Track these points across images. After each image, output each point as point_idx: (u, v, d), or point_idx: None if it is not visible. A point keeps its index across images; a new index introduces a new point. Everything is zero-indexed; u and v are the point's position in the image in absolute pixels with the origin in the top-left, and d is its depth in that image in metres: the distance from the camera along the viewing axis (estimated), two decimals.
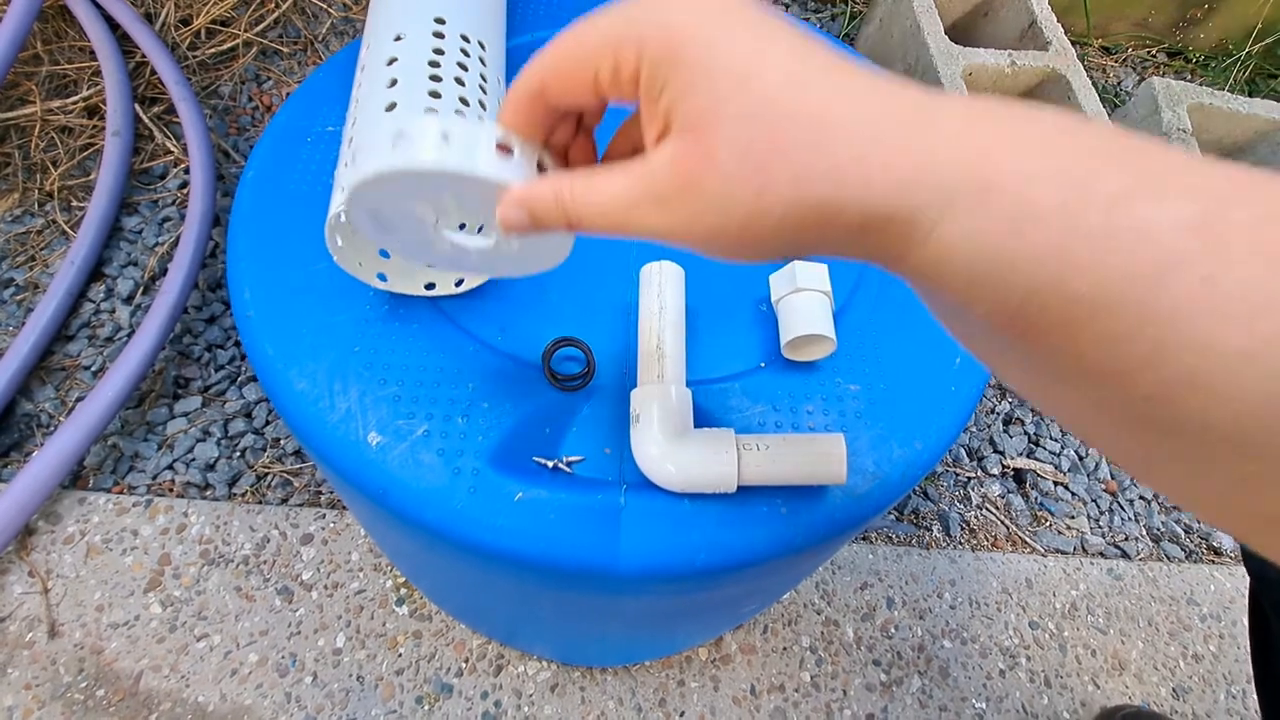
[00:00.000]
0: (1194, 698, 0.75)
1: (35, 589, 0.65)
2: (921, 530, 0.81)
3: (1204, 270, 0.14)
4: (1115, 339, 0.15)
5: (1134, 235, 0.14)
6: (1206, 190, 0.14)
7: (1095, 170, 0.15)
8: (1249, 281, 0.13)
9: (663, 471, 0.33)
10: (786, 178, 0.17)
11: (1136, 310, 0.14)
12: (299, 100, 0.46)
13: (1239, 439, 0.14)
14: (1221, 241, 0.14)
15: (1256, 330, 0.13)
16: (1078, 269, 0.15)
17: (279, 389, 0.36)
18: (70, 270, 0.77)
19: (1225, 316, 0.14)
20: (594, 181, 0.20)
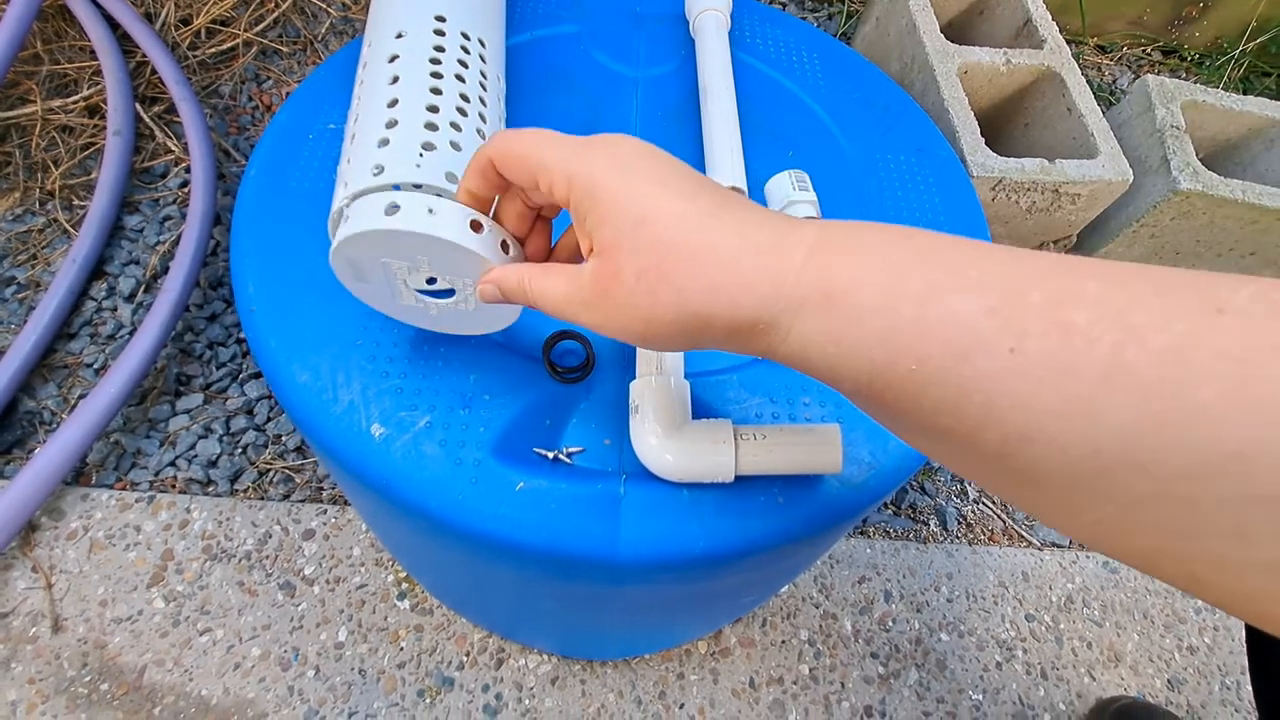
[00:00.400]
0: (1189, 689, 0.75)
1: (39, 584, 0.66)
2: (919, 525, 0.81)
3: (1008, 344, 0.17)
4: (950, 406, 0.18)
5: (943, 321, 0.18)
6: (1003, 280, 0.18)
7: (909, 273, 0.19)
8: (1048, 351, 0.17)
9: (661, 461, 0.33)
10: (673, 295, 0.22)
11: (958, 380, 0.18)
12: (301, 98, 0.47)
13: (1082, 486, 0.17)
14: (1019, 321, 0.17)
15: (1064, 390, 0.16)
16: (903, 351, 0.19)
17: (282, 382, 0.36)
18: (72, 268, 0.77)
19: (1036, 380, 0.17)
20: (546, 278, 0.26)
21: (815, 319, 0.20)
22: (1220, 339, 0.15)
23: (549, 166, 0.24)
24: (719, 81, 0.48)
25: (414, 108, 0.34)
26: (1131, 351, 0.16)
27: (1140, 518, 0.16)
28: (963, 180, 0.50)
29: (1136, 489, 0.16)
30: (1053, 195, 0.82)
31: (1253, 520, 0.14)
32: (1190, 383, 0.15)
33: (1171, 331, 0.15)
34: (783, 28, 0.57)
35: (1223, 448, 0.14)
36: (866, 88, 0.55)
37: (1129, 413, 0.15)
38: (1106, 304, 0.16)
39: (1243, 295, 0.15)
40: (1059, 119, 0.89)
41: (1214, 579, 0.16)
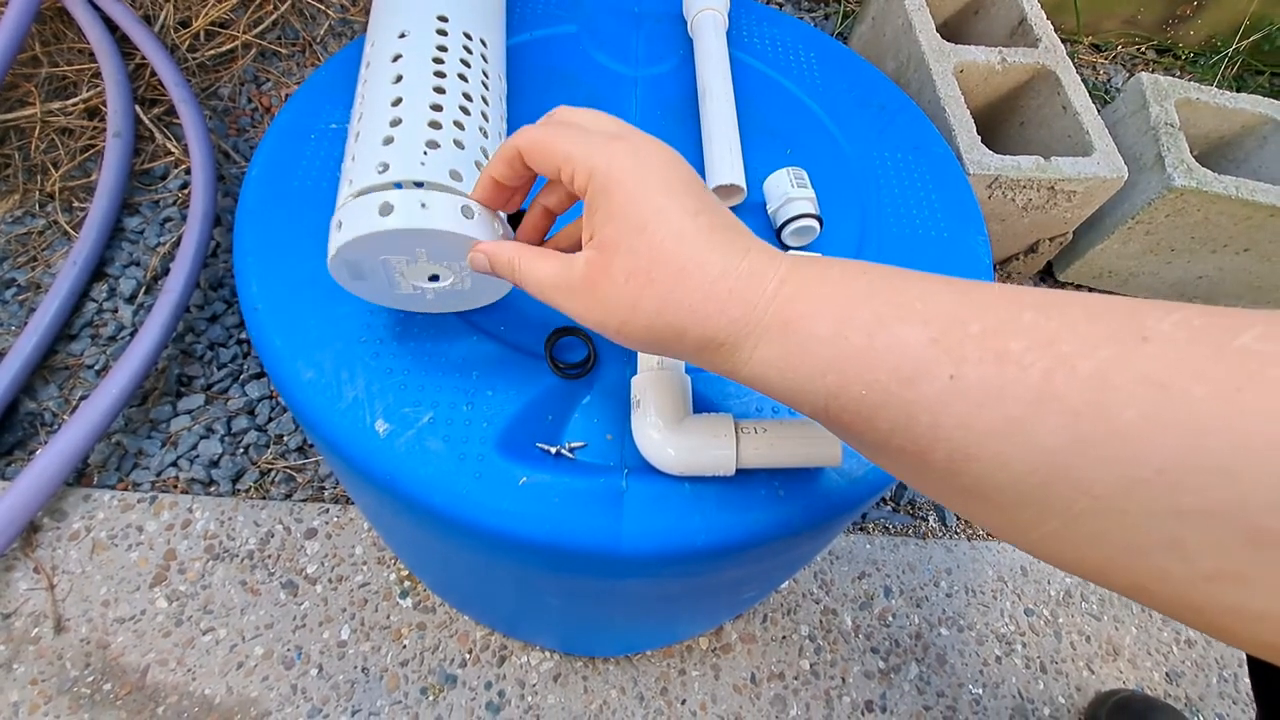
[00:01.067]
0: (1186, 682, 0.76)
1: (41, 585, 0.66)
2: (917, 520, 0.82)
3: (948, 370, 0.19)
4: (901, 426, 0.20)
5: (891, 350, 0.20)
6: (946, 312, 0.20)
7: (860, 306, 0.21)
8: (985, 377, 0.18)
9: (663, 455, 0.34)
10: (653, 303, 0.23)
11: (906, 404, 0.20)
12: (302, 98, 0.47)
13: (1027, 501, 0.18)
14: (959, 349, 0.19)
15: (1001, 412, 0.18)
16: (854, 377, 0.21)
17: (287, 380, 0.37)
18: (72, 270, 0.77)
19: (974, 403, 0.18)
20: (537, 260, 0.28)
21: (774, 345, 0.22)
22: (1144, 364, 0.16)
23: (573, 157, 0.25)
24: (717, 80, 0.48)
25: (418, 106, 0.34)
26: (1060, 377, 0.17)
27: (1083, 532, 0.17)
28: (959, 178, 0.51)
29: (1075, 505, 0.17)
30: (1048, 193, 0.82)
31: (1185, 533, 0.15)
32: (1114, 405, 0.16)
33: (1098, 358, 0.17)
34: (780, 27, 0.57)
35: (1148, 465, 0.15)
36: (864, 86, 0.55)
37: (1061, 434, 0.17)
38: (1039, 333, 0.18)
39: (1167, 323, 0.16)
40: (1054, 117, 0.90)
41: (1161, 590, 0.16)
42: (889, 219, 0.48)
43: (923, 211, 0.48)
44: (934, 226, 0.48)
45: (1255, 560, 0.14)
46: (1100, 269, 0.99)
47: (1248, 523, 0.14)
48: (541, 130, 0.26)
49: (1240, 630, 0.16)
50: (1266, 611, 0.15)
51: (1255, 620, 0.15)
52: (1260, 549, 0.14)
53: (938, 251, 0.46)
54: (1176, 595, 0.16)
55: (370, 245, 0.30)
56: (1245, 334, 0.15)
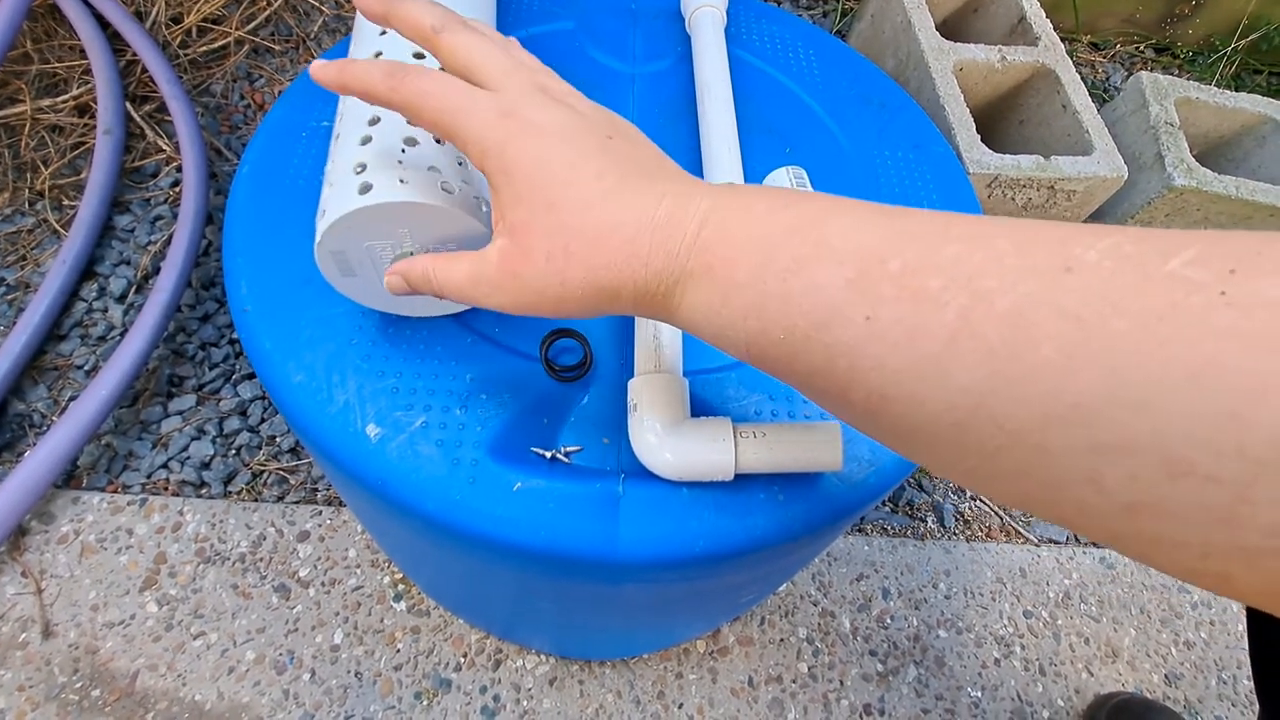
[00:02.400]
0: (1186, 684, 0.76)
1: (29, 589, 0.65)
2: (916, 522, 0.81)
3: (864, 312, 0.18)
4: (819, 370, 0.20)
5: (806, 293, 0.20)
6: (866, 249, 0.19)
7: (779, 248, 0.21)
8: (901, 317, 0.18)
9: (660, 460, 0.33)
10: (580, 272, 0.23)
11: (823, 347, 0.19)
12: (293, 96, 0.46)
13: (947, 439, 0.18)
14: (875, 289, 0.18)
15: (917, 352, 0.17)
16: (772, 321, 0.20)
17: (277, 382, 0.36)
18: (62, 269, 0.76)
19: (890, 344, 0.18)
20: (449, 265, 0.27)
21: (699, 290, 0.22)
22: (1063, 297, 0.16)
23: (464, 136, 0.24)
24: (716, 78, 0.48)
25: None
26: (978, 314, 0.17)
27: (1003, 467, 0.17)
28: (960, 177, 0.50)
29: (993, 441, 0.17)
30: (1048, 192, 0.82)
31: (1102, 466, 0.15)
32: (1030, 341, 0.16)
33: (1016, 292, 0.16)
34: (779, 24, 0.57)
35: (1064, 400, 0.15)
36: (863, 84, 0.54)
37: (976, 372, 0.16)
38: (960, 268, 0.17)
39: (1095, 250, 0.16)
40: (1054, 116, 0.89)
41: (1083, 522, 0.16)
42: None
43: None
44: None
45: (1173, 492, 0.14)
46: None
47: (1165, 455, 0.14)
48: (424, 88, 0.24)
49: (1161, 558, 0.15)
50: (1186, 540, 0.14)
51: (1176, 548, 0.15)
52: (1176, 480, 0.14)
53: None
54: (1097, 526, 0.16)
55: (353, 227, 0.29)
56: (1176, 258, 0.15)
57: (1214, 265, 0.14)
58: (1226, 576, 0.14)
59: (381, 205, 0.28)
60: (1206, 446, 0.13)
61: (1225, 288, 0.14)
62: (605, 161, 0.24)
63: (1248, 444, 0.13)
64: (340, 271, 0.31)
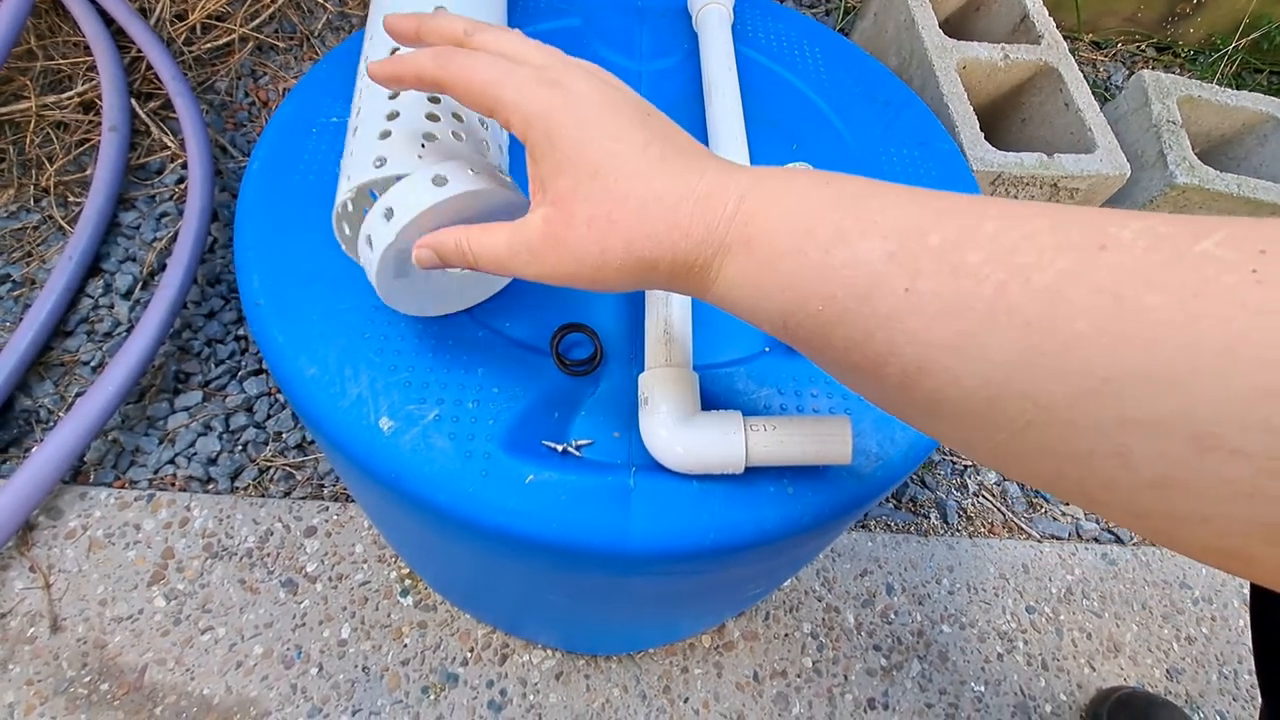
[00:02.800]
0: (1187, 679, 0.76)
1: (37, 584, 0.65)
2: (920, 518, 0.82)
3: (904, 284, 0.19)
4: (856, 342, 0.20)
5: (848, 265, 0.20)
6: (906, 224, 0.19)
7: (820, 220, 0.21)
8: (940, 291, 0.18)
9: (671, 453, 0.33)
10: (620, 241, 0.23)
11: (862, 319, 0.20)
12: (302, 92, 0.47)
13: (978, 414, 0.18)
14: (915, 262, 0.19)
15: (954, 326, 0.18)
16: (812, 293, 0.21)
17: (289, 376, 0.36)
18: (68, 266, 0.76)
19: (928, 317, 0.18)
20: (486, 234, 0.27)
21: (737, 263, 0.23)
22: (1098, 274, 0.16)
23: (505, 104, 0.24)
24: (723, 75, 0.48)
25: (415, 99, 0.34)
26: (1015, 289, 0.17)
27: (1032, 442, 0.17)
28: (965, 174, 0.50)
29: (1024, 416, 0.17)
30: (1051, 189, 0.82)
31: (1130, 441, 0.15)
32: (1066, 316, 0.16)
33: (1054, 269, 0.16)
34: (785, 22, 0.57)
35: (1096, 375, 0.15)
36: (868, 81, 0.55)
37: (1012, 346, 0.17)
38: (998, 244, 0.18)
39: (1130, 230, 0.16)
40: (1056, 114, 0.90)
41: (1107, 498, 0.17)
42: None
43: None
44: None
45: (1199, 467, 0.14)
46: None
47: (1193, 430, 0.14)
48: (466, 65, 0.25)
49: (1184, 535, 0.16)
50: (1208, 517, 0.15)
51: (1199, 524, 0.15)
52: (1204, 455, 0.14)
53: None
54: (1122, 502, 0.16)
55: (428, 223, 0.29)
56: (1208, 239, 0.15)
57: (1244, 246, 0.14)
58: (1246, 555, 0.15)
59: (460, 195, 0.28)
60: (1234, 420, 0.14)
61: (1256, 266, 0.14)
62: (649, 134, 0.24)
63: (1274, 417, 0.13)
64: (396, 273, 0.31)
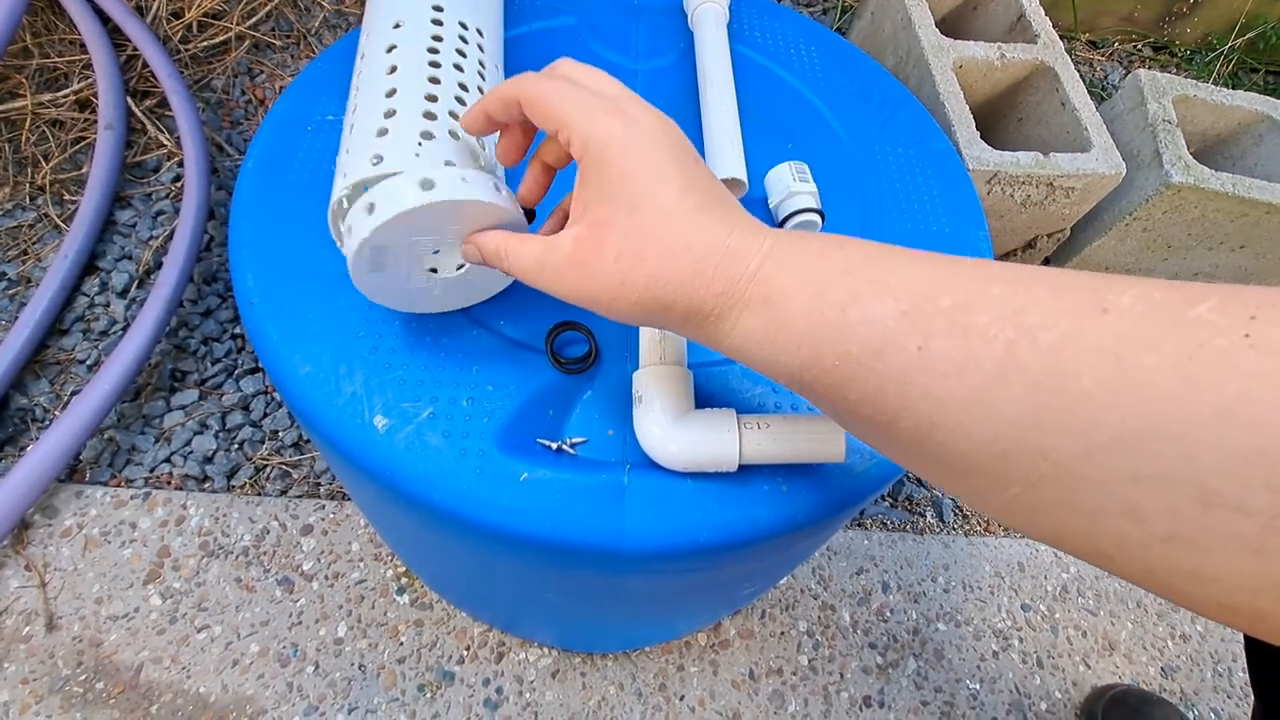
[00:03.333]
0: (1181, 676, 0.76)
1: (32, 583, 0.65)
2: (915, 516, 0.82)
3: (917, 343, 0.20)
4: (870, 397, 0.21)
5: (862, 323, 0.21)
6: (918, 287, 0.21)
7: (836, 282, 0.22)
8: (951, 350, 0.19)
9: (665, 451, 0.33)
10: (642, 279, 0.24)
11: (875, 375, 0.20)
12: (298, 90, 0.46)
13: (990, 468, 0.19)
14: (927, 322, 0.20)
15: (966, 383, 0.18)
16: (827, 349, 0.22)
17: (284, 374, 0.36)
18: (64, 264, 0.76)
19: (940, 375, 0.19)
20: (523, 244, 0.28)
21: (755, 318, 0.24)
22: (1101, 335, 0.17)
23: (571, 124, 0.25)
24: (719, 74, 0.48)
25: (412, 97, 0.34)
26: (1023, 348, 0.18)
27: (1043, 498, 0.18)
28: (960, 173, 0.51)
29: (1035, 471, 0.17)
30: (1047, 188, 0.82)
31: (1140, 497, 0.16)
32: (1072, 374, 0.17)
33: (1059, 329, 0.17)
34: (780, 20, 0.57)
35: (1104, 432, 0.16)
36: (864, 81, 0.55)
37: (1021, 402, 0.17)
38: (1005, 306, 0.19)
39: (1128, 296, 0.17)
40: (1053, 113, 0.90)
41: (1119, 555, 0.17)
42: (890, 213, 0.47)
43: (924, 206, 0.48)
44: (935, 221, 0.47)
45: (1206, 523, 0.15)
46: (1097, 265, 0.99)
47: (1198, 486, 0.15)
48: (545, 84, 0.26)
49: (1194, 592, 0.16)
50: (1218, 573, 0.15)
51: (1209, 582, 0.15)
52: (1209, 511, 0.15)
53: (939, 246, 0.46)
54: (1133, 559, 0.17)
55: (408, 223, 0.29)
56: (1201, 305, 0.16)
57: (1235, 312, 0.15)
58: (1259, 612, 0.15)
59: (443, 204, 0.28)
60: (1236, 478, 0.14)
61: (1249, 331, 0.15)
62: (691, 182, 0.25)
63: (1274, 477, 0.14)
64: (371, 267, 0.31)
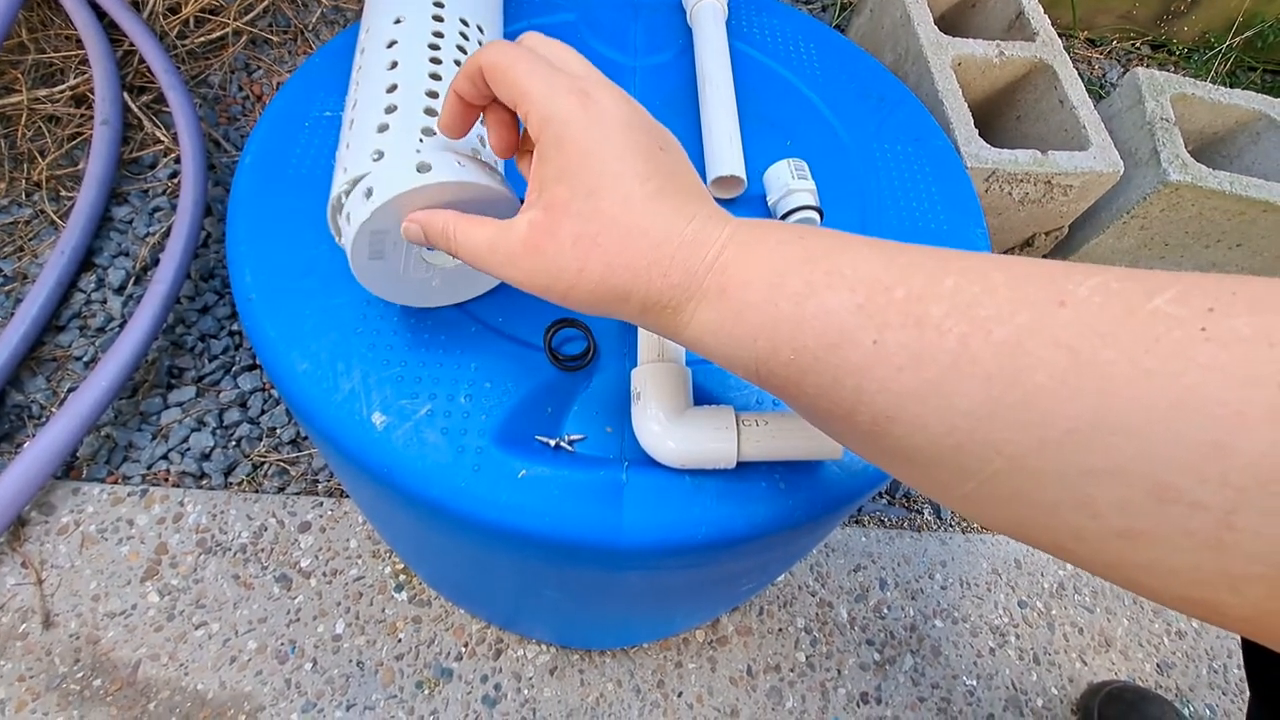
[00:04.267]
0: (1177, 673, 0.77)
1: (29, 580, 0.65)
2: (913, 513, 0.82)
3: (872, 336, 0.19)
4: (827, 390, 0.21)
5: (818, 316, 0.21)
6: (873, 278, 0.20)
7: (791, 273, 0.22)
8: (906, 342, 0.19)
9: (664, 448, 0.33)
10: (600, 265, 0.24)
11: (831, 368, 0.20)
12: (296, 85, 0.46)
13: (946, 461, 0.18)
14: (882, 315, 0.19)
15: (920, 376, 0.18)
16: (783, 342, 0.21)
17: (282, 371, 0.36)
18: (60, 260, 0.76)
19: (895, 367, 0.19)
20: (472, 226, 0.27)
21: (711, 310, 0.23)
22: (1057, 329, 0.16)
23: (531, 97, 0.24)
24: (718, 71, 0.48)
25: (413, 93, 0.34)
26: (977, 341, 0.17)
27: (999, 492, 0.18)
28: (959, 171, 0.51)
29: (991, 465, 0.17)
30: (1045, 186, 0.82)
31: (1095, 491, 0.16)
32: (1026, 368, 0.16)
33: (1013, 323, 0.17)
34: (779, 17, 0.57)
35: (1058, 426, 0.16)
36: (863, 78, 0.55)
37: (975, 396, 0.17)
38: (959, 298, 0.18)
39: (1085, 287, 0.17)
40: (1051, 111, 0.90)
41: (1077, 549, 0.17)
42: (889, 211, 0.47)
43: (922, 204, 0.48)
44: (934, 219, 0.47)
45: (1161, 517, 0.15)
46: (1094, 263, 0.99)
47: (1153, 481, 0.15)
48: (509, 53, 0.25)
49: (1154, 585, 0.16)
50: (1176, 567, 0.15)
51: (1168, 575, 0.15)
52: (1165, 505, 0.15)
53: (936, 243, 0.46)
54: (1092, 553, 0.17)
55: (406, 207, 0.29)
56: (1159, 296, 0.16)
57: (1193, 303, 0.15)
58: (1217, 605, 0.15)
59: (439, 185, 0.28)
60: (1191, 473, 0.14)
61: (1205, 324, 0.15)
62: (652, 167, 0.24)
63: (1229, 472, 0.14)
64: (370, 254, 0.31)
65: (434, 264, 0.34)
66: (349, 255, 0.31)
